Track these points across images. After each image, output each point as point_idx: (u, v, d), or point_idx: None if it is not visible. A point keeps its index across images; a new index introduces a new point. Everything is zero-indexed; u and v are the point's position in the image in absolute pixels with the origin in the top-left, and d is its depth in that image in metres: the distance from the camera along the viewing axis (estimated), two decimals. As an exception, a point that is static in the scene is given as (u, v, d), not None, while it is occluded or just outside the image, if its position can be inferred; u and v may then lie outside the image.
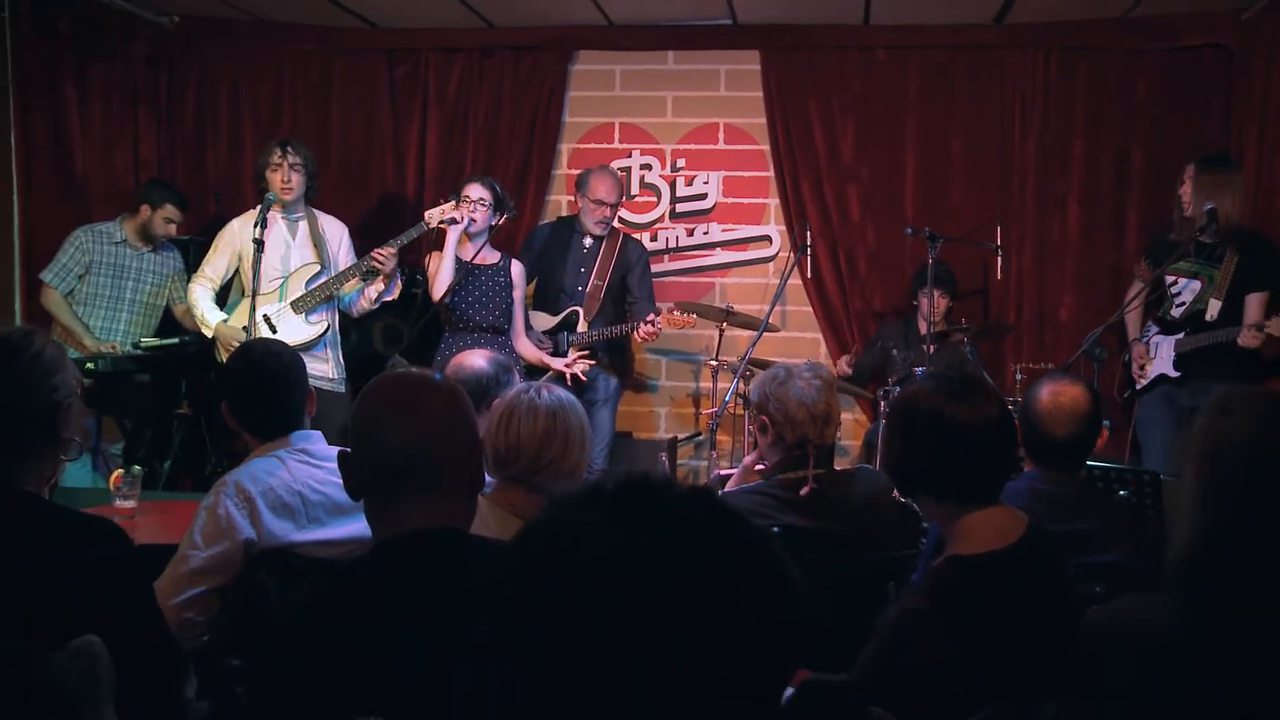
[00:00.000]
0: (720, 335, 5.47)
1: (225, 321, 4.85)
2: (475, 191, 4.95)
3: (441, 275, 4.92)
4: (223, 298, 5.06)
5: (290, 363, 2.71)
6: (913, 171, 5.88)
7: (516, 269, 5.06)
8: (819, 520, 2.75)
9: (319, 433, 2.69)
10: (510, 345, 5.01)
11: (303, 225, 4.97)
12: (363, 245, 5.01)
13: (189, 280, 5.15)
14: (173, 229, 5.33)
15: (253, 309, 4.53)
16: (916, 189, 5.88)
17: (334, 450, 2.62)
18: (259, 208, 4.84)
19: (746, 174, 6.12)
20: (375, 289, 4.93)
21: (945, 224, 5.54)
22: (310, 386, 2.75)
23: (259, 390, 2.65)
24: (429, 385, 1.78)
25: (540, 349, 5.23)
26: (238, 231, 4.96)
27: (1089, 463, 2.95)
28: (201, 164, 6.36)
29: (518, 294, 5.04)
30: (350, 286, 4.94)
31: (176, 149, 6.36)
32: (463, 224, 4.89)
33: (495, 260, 5.03)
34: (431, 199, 5.08)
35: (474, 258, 4.99)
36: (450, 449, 1.71)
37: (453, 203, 4.94)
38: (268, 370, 2.66)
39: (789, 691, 1.20)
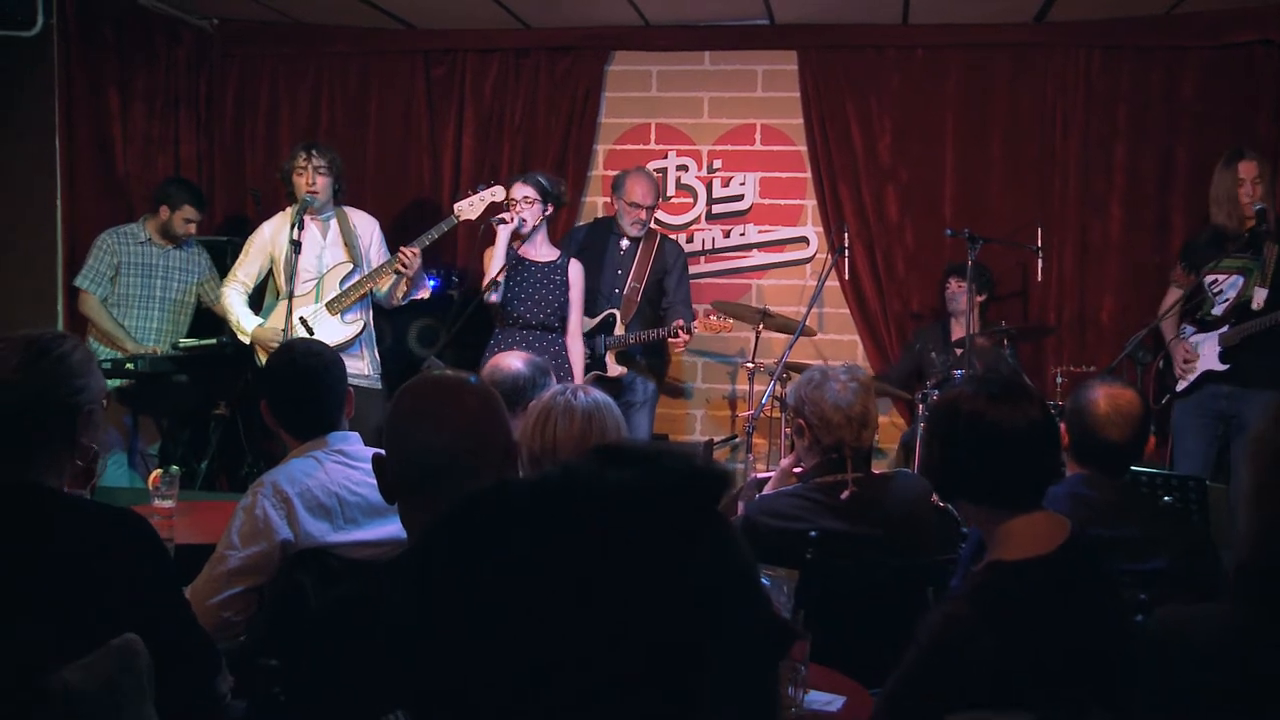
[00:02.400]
0: (757, 338, 5.45)
1: (261, 325, 4.88)
2: (519, 191, 4.93)
3: (491, 275, 4.91)
4: (256, 302, 5.08)
5: (330, 362, 2.72)
6: (952, 172, 5.84)
7: (575, 269, 5.03)
8: (857, 524, 2.74)
9: (356, 434, 2.70)
10: (561, 344, 4.97)
11: (333, 225, 4.98)
12: (399, 242, 4.99)
13: (221, 282, 5.18)
14: (192, 228, 5.34)
15: (289, 311, 4.58)
16: (955, 190, 5.84)
17: (371, 451, 2.63)
18: (293, 209, 4.88)
19: (783, 175, 6.10)
20: (401, 290, 4.93)
21: (985, 225, 5.49)
22: (349, 387, 2.76)
23: (299, 388, 2.67)
24: (463, 386, 1.81)
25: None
26: (269, 235, 4.99)
27: (1132, 468, 2.92)
28: (240, 165, 6.43)
29: (574, 294, 5.00)
30: (385, 283, 4.94)
31: (215, 150, 6.43)
32: (513, 224, 4.89)
33: (552, 258, 5.01)
34: (466, 195, 5.09)
35: (528, 254, 4.99)
36: (484, 449, 1.73)
37: (478, 195, 4.96)
38: (308, 369, 2.68)
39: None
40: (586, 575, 0.80)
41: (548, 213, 5.01)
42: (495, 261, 4.91)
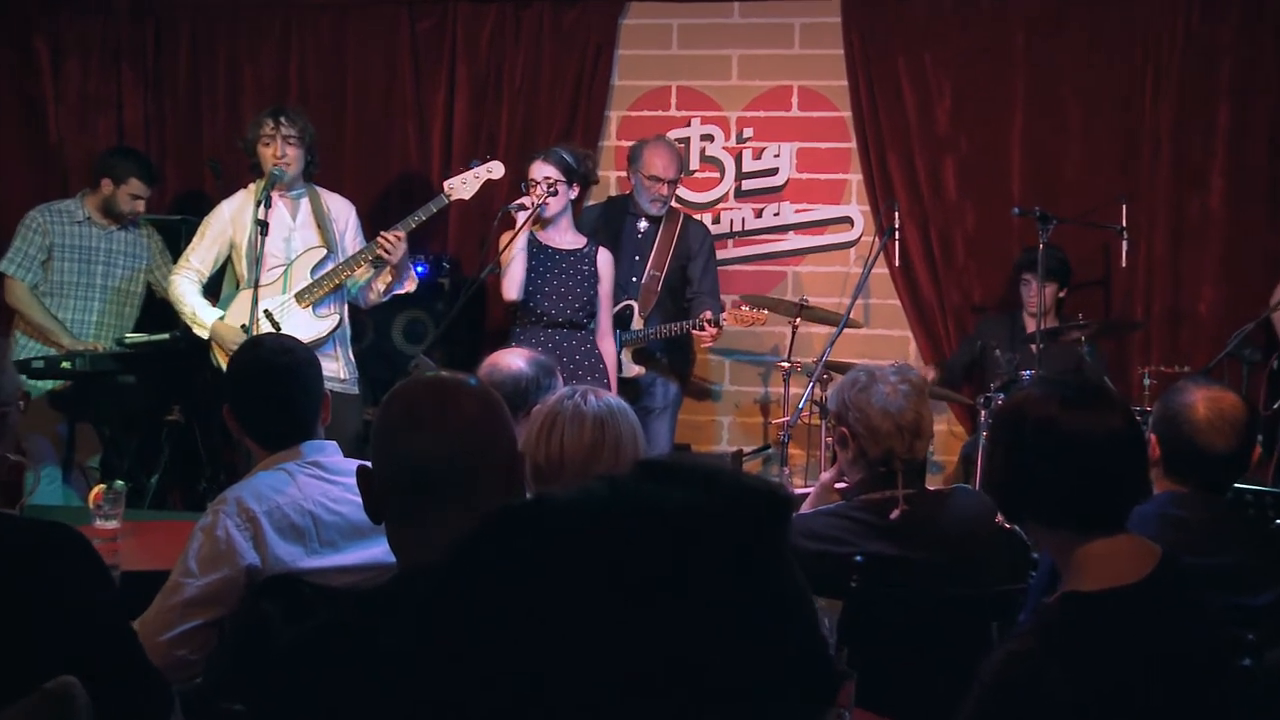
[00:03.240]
0: (793, 333, 5.44)
1: (221, 319, 4.85)
2: (540, 171, 4.91)
3: (513, 271, 4.90)
4: (211, 293, 5.05)
5: (304, 360, 2.75)
6: (1021, 140, 5.82)
7: (604, 258, 5.05)
8: (909, 548, 2.74)
9: (334, 443, 2.73)
10: (592, 344, 5.00)
11: (304, 204, 4.97)
12: (380, 227, 4.98)
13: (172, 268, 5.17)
14: (140, 205, 5.38)
15: (254, 303, 4.58)
16: (1025, 161, 5.82)
17: (351, 464, 2.65)
18: (257, 185, 4.87)
19: (824, 145, 6.10)
20: (383, 281, 4.92)
21: (1059, 202, 5.48)
22: (326, 390, 2.79)
23: (269, 390, 2.70)
24: (460, 388, 1.83)
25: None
26: (229, 216, 4.97)
27: (1236, 485, 2.91)
28: (196, 132, 6.43)
29: (604, 287, 5.03)
30: (361, 274, 4.93)
31: (167, 114, 6.45)
32: (533, 210, 4.88)
33: (579, 245, 5.04)
34: (458, 172, 5.11)
35: (551, 240, 5.00)
36: (487, 459, 1.75)
37: (471, 171, 4.96)
38: (279, 369, 2.70)
39: None
40: (643, 604, 0.83)
41: (573, 194, 5.03)
42: (516, 258, 4.88)
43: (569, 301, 4.95)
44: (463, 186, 5.00)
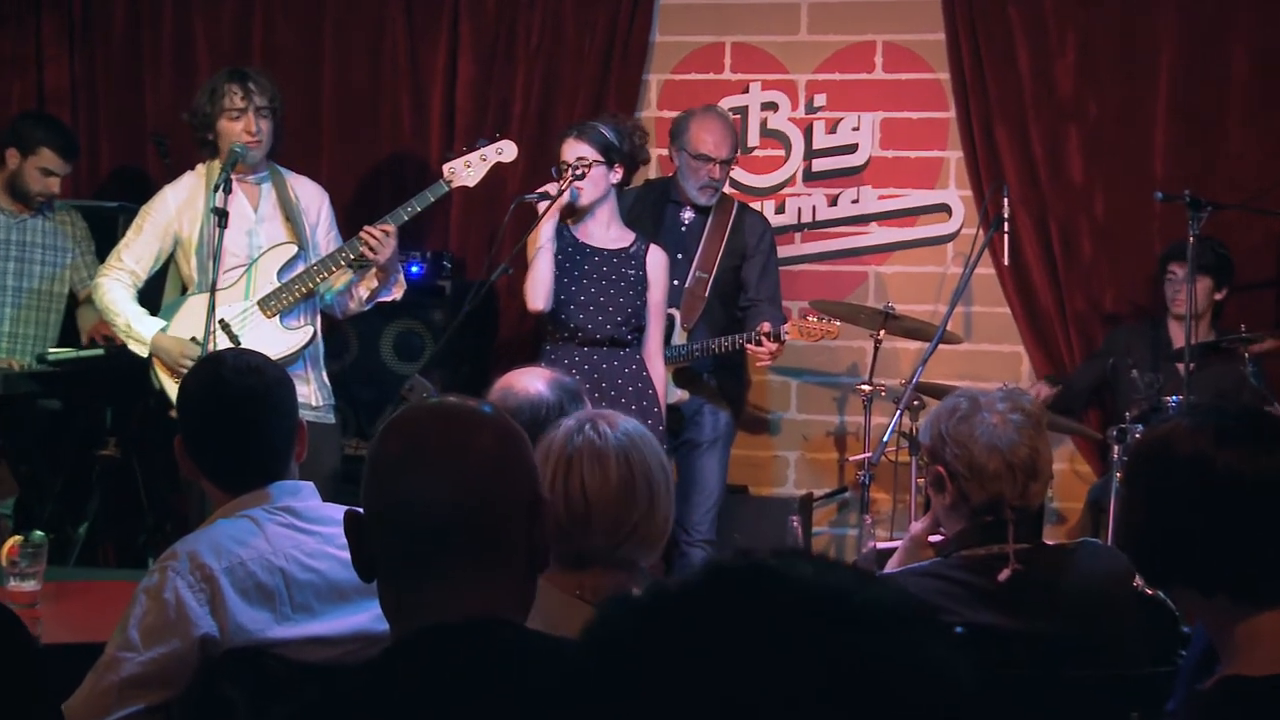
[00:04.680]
0: (876, 349, 5.44)
1: (165, 330, 4.85)
2: (572, 151, 4.88)
3: (538, 274, 4.87)
4: (150, 300, 5.01)
5: (275, 382, 2.76)
6: (1166, 108, 5.80)
7: (656, 259, 5.03)
8: (1022, 617, 2.73)
9: (310, 484, 2.75)
10: (638, 365, 5.00)
11: (268, 191, 4.98)
12: (364, 221, 4.93)
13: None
14: (54, 185, 5.39)
15: (210, 310, 4.57)
16: (1170, 133, 5.80)
17: (331, 509, 2.66)
18: (209, 167, 4.87)
19: (916, 115, 6.10)
20: (366, 286, 4.93)
21: (1216, 185, 5.48)
22: (301, 419, 2.81)
23: (231, 421, 2.70)
24: (474, 418, 1.84)
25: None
26: (174, 206, 4.96)
27: None
28: (138, 100, 6.48)
29: (655, 294, 5.02)
30: (337, 278, 4.95)
31: (98, 78, 6.50)
32: (562, 199, 4.86)
33: (625, 243, 5.03)
34: (461, 153, 5.13)
35: (590, 237, 5.00)
36: (505, 505, 1.76)
37: (477, 153, 4.95)
38: (245, 392, 2.69)
39: None
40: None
41: (615, 178, 5.00)
42: (541, 258, 4.84)
43: (610, 314, 4.92)
44: (466, 171, 5.00)
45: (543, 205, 4.85)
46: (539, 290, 4.87)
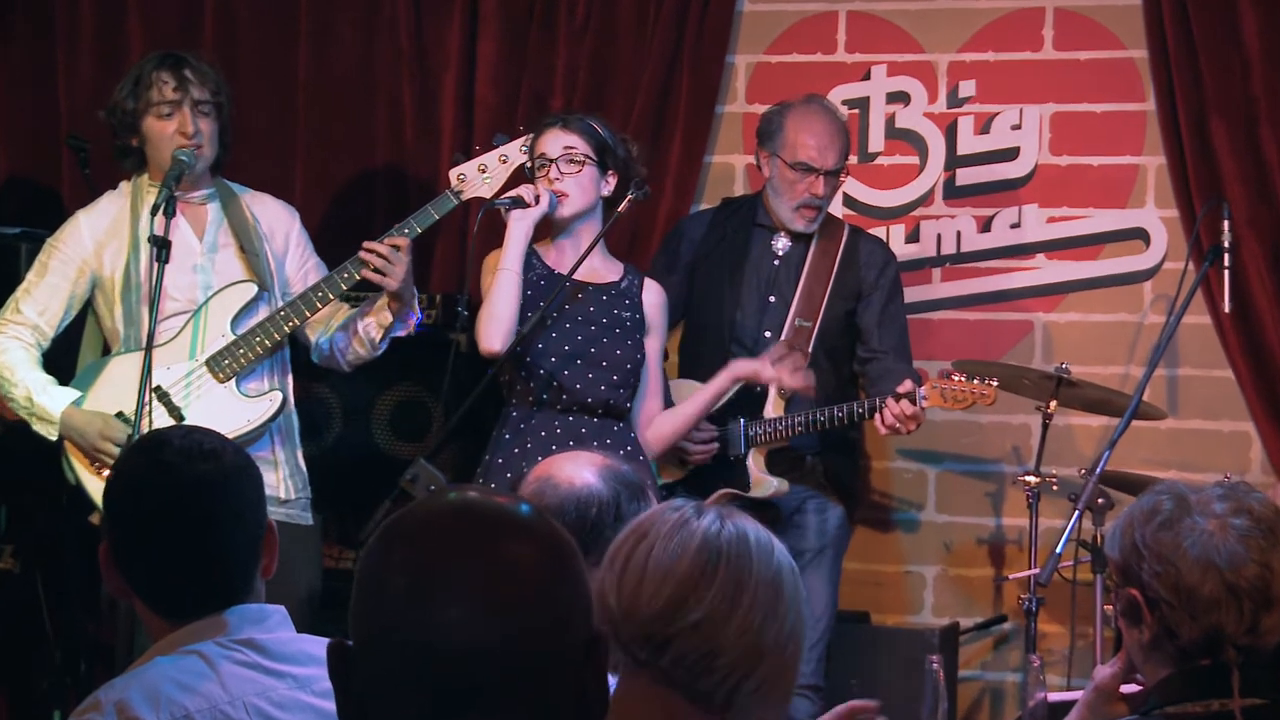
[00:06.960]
0: (1044, 424, 5.49)
1: (79, 404, 5.00)
2: (556, 142, 5.00)
3: (498, 306, 4.95)
4: (59, 365, 5.13)
5: (234, 471, 2.78)
6: None
7: (653, 294, 5.05)
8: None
9: (281, 609, 2.72)
10: (629, 440, 5.04)
11: (216, 214, 5.10)
12: (355, 245, 5.05)
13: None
14: None
15: (146, 374, 4.65)
16: None
17: (309, 642, 2.67)
18: (136, 185, 5.00)
19: (1099, 108, 6.17)
20: (379, 322, 5.01)
21: None
22: (269, 519, 2.77)
23: (175, 524, 2.72)
24: (508, 523, 1.83)
25: (695, 445, 5.25)
26: (90, 237, 5.10)
27: None
28: (49, 95, 6.69)
29: (653, 344, 5.04)
30: (321, 320, 5.08)
31: None
32: (539, 207, 5.00)
33: (613, 277, 5.06)
34: (475, 155, 5.32)
35: (572, 269, 5.04)
36: (552, 642, 1.75)
37: (495, 153, 5.00)
38: (194, 484, 2.74)
39: None
40: None
41: (607, 189, 5.11)
42: (502, 283, 4.96)
43: (604, 370, 4.95)
44: (480, 177, 5.00)
45: (515, 214, 4.93)
46: (496, 325, 4.91)
